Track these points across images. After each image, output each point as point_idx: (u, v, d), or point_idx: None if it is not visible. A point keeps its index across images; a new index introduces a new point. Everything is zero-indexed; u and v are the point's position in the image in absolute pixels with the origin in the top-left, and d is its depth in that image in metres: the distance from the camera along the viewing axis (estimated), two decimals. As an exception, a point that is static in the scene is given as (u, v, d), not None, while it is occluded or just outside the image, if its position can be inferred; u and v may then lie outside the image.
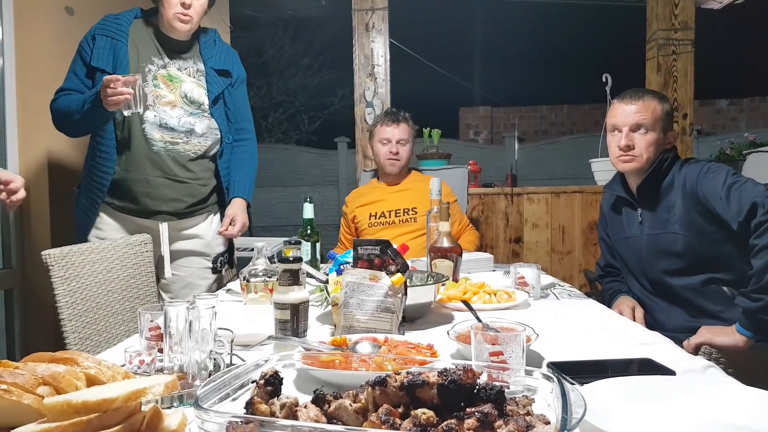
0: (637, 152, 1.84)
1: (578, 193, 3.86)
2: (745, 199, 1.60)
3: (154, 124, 2.09)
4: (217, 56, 2.24)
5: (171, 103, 2.12)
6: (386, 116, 2.81)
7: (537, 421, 0.71)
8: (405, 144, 2.75)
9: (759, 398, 0.87)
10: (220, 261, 2.39)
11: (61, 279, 1.85)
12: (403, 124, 2.75)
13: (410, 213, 2.70)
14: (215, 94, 2.18)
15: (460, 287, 1.67)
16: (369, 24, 3.90)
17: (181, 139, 2.13)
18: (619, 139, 1.85)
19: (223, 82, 2.22)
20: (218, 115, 2.21)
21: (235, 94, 2.29)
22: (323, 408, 0.74)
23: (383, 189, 2.82)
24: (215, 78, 2.20)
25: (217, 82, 2.20)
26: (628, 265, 1.99)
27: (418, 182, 2.81)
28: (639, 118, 1.83)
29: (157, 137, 2.10)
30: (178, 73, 2.14)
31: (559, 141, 12.16)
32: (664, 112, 1.85)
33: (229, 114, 2.26)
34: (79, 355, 0.72)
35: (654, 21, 3.87)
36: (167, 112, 2.11)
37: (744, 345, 1.59)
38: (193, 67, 2.18)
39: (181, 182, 2.17)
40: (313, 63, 17.55)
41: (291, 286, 1.18)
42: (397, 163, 2.74)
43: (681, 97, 3.82)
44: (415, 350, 1.06)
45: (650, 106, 1.84)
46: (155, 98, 2.10)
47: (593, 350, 1.19)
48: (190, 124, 2.13)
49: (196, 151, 2.16)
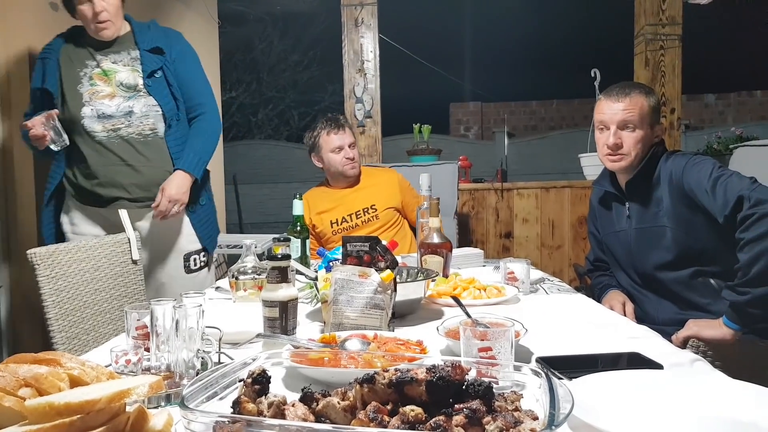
0: (625, 151, 1.83)
1: (567, 187, 3.88)
2: (730, 192, 1.61)
3: (93, 117, 2.19)
4: (150, 38, 2.28)
5: (110, 95, 2.21)
6: (328, 124, 2.73)
7: (525, 416, 0.71)
8: (355, 147, 2.73)
9: (745, 391, 0.88)
10: (193, 259, 2.35)
11: (47, 278, 1.83)
12: (347, 127, 2.74)
13: (371, 211, 2.67)
14: (149, 72, 2.23)
15: (450, 283, 1.67)
16: (358, 19, 3.89)
17: (122, 123, 2.19)
18: (608, 137, 1.84)
19: (158, 59, 2.25)
20: (157, 91, 2.23)
21: (180, 69, 2.29)
22: (311, 406, 0.73)
23: (338, 193, 2.75)
24: (149, 57, 2.24)
25: (150, 60, 2.24)
26: (618, 259, 1.99)
27: (370, 178, 2.79)
28: (626, 116, 1.81)
29: (98, 128, 2.19)
30: (112, 65, 2.24)
31: (549, 136, 12.19)
32: (651, 107, 1.84)
33: (174, 90, 2.27)
34: (62, 356, 0.71)
35: (642, 16, 3.89)
36: (105, 103, 2.19)
37: (731, 338, 1.60)
38: (127, 57, 2.25)
39: (130, 166, 2.21)
40: (303, 59, 17.47)
41: (279, 283, 1.17)
42: (357, 166, 2.72)
43: (669, 91, 3.84)
44: (405, 347, 1.06)
45: (637, 102, 1.82)
46: (92, 95, 2.20)
47: (582, 345, 1.20)
48: (127, 108, 2.20)
49: (141, 131, 2.21)
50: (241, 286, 1.58)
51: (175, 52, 2.29)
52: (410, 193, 2.76)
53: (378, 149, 3.96)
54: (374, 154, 3.93)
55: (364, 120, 3.91)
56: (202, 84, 2.38)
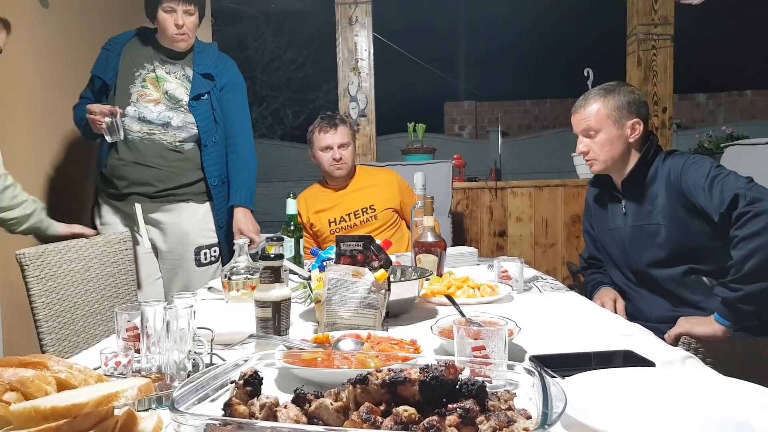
0: (592, 156, 1.89)
1: (561, 186, 3.88)
2: (727, 190, 1.62)
3: (134, 117, 2.32)
4: (207, 62, 2.44)
5: (155, 101, 2.35)
6: (323, 121, 2.70)
7: (518, 415, 0.71)
8: (347, 147, 2.67)
9: (736, 388, 0.88)
10: (204, 253, 2.41)
11: (37, 279, 1.81)
12: (341, 126, 2.67)
13: (369, 211, 2.65)
14: (195, 93, 2.38)
15: (444, 282, 1.66)
16: (352, 17, 3.88)
17: (158, 130, 2.33)
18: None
19: (207, 84, 2.41)
20: (199, 112, 2.38)
21: (227, 99, 2.45)
22: (304, 407, 0.73)
23: (334, 194, 2.74)
24: (199, 80, 2.40)
25: (200, 83, 2.40)
26: (612, 256, 2.00)
27: (368, 177, 2.77)
28: (584, 125, 1.87)
29: (135, 128, 2.32)
30: (165, 75, 2.39)
31: (543, 135, 12.22)
32: (613, 107, 1.84)
33: (216, 115, 2.42)
34: (49, 359, 0.70)
35: (634, 16, 3.90)
36: (149, 108, 2.33)
37: (722, 335, 1.61)
38: (181, 71, 2.42)
39: (151, 167, 2.33)
40: (297, 57, 17.43)
41: (272, 283, 1.16)
42: (344, 166, 2.67)
43: (661, 91, 3.85)
44: (398, 346, 1.06)
45: (592, 109, 1.85)
46: (139, 96, 2.34)
47: (575, 343, 1.20)
48: (168, 117, 2.34)
49: (171, 142, 2.35)
50: (234, 286, 1.57)
51: (224, 81, 2.45)
52: (409, 194, 2.73)
53: (372, 148, 3.95)
54: (369, 153, 3.92)
55: (358, 119, 3.90)
56: (246, 115, 2.53)
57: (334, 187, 2.75)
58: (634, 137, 1.84)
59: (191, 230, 2.39)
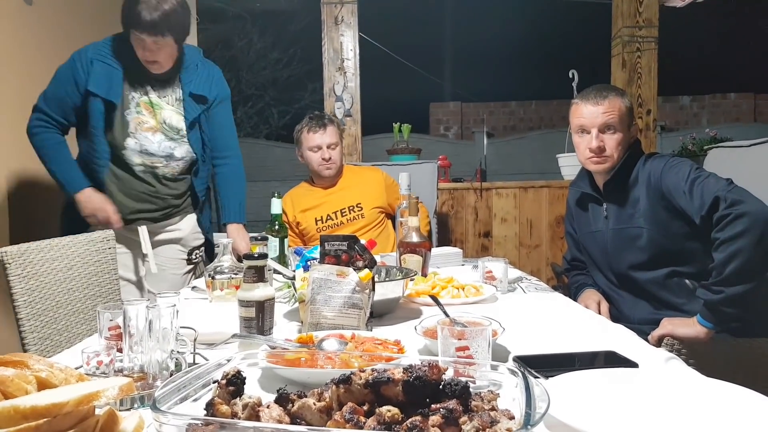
0: (608, 153, 1.84)
1: (545, 187, 3.90)
2: (707, 193, 1.63)
3: (135, 150, 2.18)
4: (196, 80, 2.26)
5: (152, 129, 2.19)
6: (311, 121, 2.70)
7: (501, 416, 0.71)
8: (335, 147, 2.68)
9: (718, 389, 0.89)
10: (195, 253, 2.46)
11: (19, 277, 1.78)
12: (330, 127, 2.68)
13: (356, 210, 2.66)
14: (190, 121, 2.24)
15: (429, 282, 1.66)
16: (338, 17, 3.87)
17: (161, 162, 2.22)
18: (589, 141, 1.84)
19: (199, 108, 2.26)
20: (194, 140, 2.27)
21: (215, 114, 2.32)
22: (287, 407, 0.72)
23: (321, 192, 2.75)
24: (191, 104, 2.24)
25: (192, 108, 2.24)
26: (594, 259, 2.01)
27: (355, 176, 2.78)
28: (607, 119, 1.82)
29: (137, 161, 2.19)
30: (159, 100, 2.20)
31: (528, 136, 12.31)
32: (627, 108, 1.86)
33: (204, 137, 2.31)
34: (29, 358, 0.69)
35: (619, 18, 3.93)
36: (148, 138, 2.18)
37: (705, 336, 1.63)
38: (173, 95, 2.23)
39: (157, 197, 2.27)
40: (283, 56, 17.38)
41: (256, 283, 1.16)
42: (333, 166, 2.68)
43: (645, 93, 3.88)
44: (382, 346, 1.06)
45: (615, 104, 1.82)
46: (137, 125, 2.17)
47: (559, 343, 1.20)
48: (170, 148, 2.22)
49: (174, 173, 2.27)
50: (218, 285, 1.56)
51: (213, 97, 2.30)
52: (396, 193, 2.72)
53: (358, 148, 3.94)
54: (354, 153, 3.92)
55: (344, 119, 3.89)
56: (232, 128, 2.44)
57: (322, 186, 2.76)
58: (631, 142, 1.88)
59: (186, 236, 2.42)
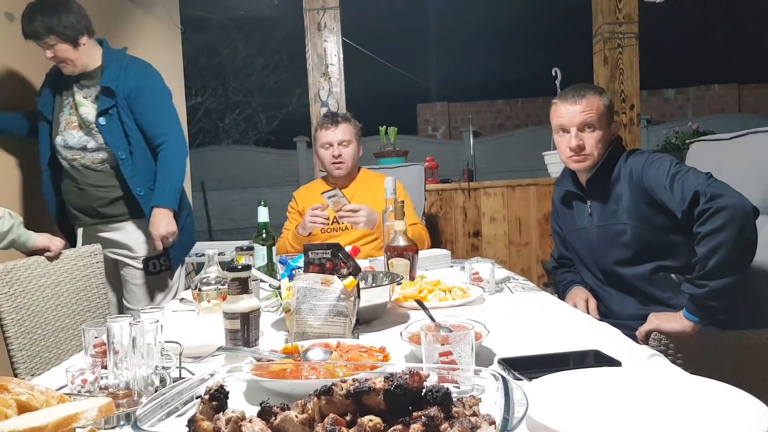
0: (588, 151, 1.85)
1: (533, 185, 3.92)
2: (687, 188, 1.64)
3: (62, 146, 2.44)
4: (108, 76, 2.42)
5: (77, 126, 2.42)
6: (325, 119, 2.70)
7: (482, 421, 0.71)
8: (348, 145, 2.64)
9: (701, 386, 0.89)
10: (152, 263, 2.53)
11: (6, 296, 1.78)
12: (343, 124, 2.65)
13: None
14: (98, 112, 2.39)
15: (416, 286, 1.67)
16: (321, 23, 3.87)
17: (78, 155, 2.42)
18: (569, 140, 1.85)
19: (110, 101, 2.39)
20: (107, 129, 2.39)
21: (138, 105, 2.42)
22: (270, 421, 0.72)
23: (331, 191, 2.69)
24: (103, 98, 2.40)
25: (104, 102, 2.39)
26: (580, 256, 2.02)
27: (369, 183, 2.73)
28: (585, 117, 1.84)
29: (66, 155, 2.44)
30: (82, 99, 2.44)
31: (515, 134, 12.36)
32: (606, 106, 1.87)
33: (126, 128, 2.41)
34: (9, 381, 0.69)
35: (599, 15, 3.96)
36: (72, 134, 2.42)
37: (691, 330, 1.63)
38: (94, 92, 2.44)
39: (82, 189, 2.45)
40: (269, 62, 17.36)
41: (240, 294, 1.16)
42: (343, 166, 2.64)
43: (627, 88, 3.91)
44: (367, 354, 1.06)
45: (594, 103, 1.84)
46: (66, 124, 2.43)
47: (544, 343, 1.21)
48: (85, 141, 2.42)
49: (90, 164, 2.43)
50: (205, 297, 1.56)
51: (129, 90, 2.41)
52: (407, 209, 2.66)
53: (345, 152, 3.94)
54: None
55: (330, 123, 3.89)
56: (161, 115, 2.50)
57: (333, 186, 2.68)
58: (612, 140, 1.89)
59: (133, 245, 2.50)
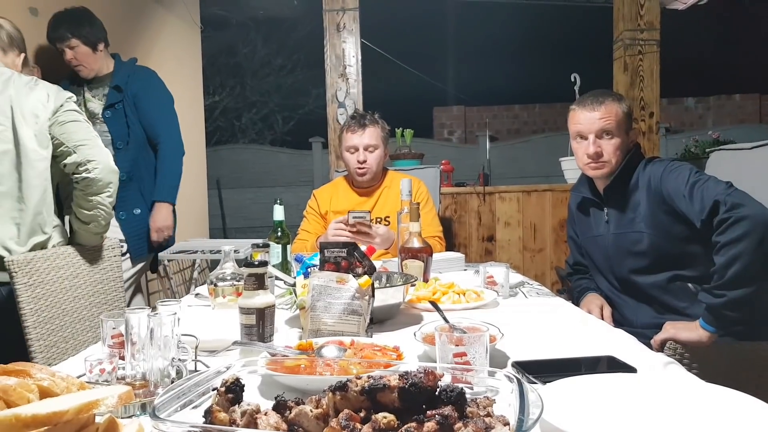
0: (606, 158, 1.85)
1: (549, 191, 3.90)
2: (707, 197, 1.63)
3: None
4: (120, 76, 2.76)
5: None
6: (352, 121, 2.61)
7: (496, 422, 0.71)
8: (374, 150, 2.55)
9: (717, 394, 0.89)
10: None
11: (25, 286, 1.81)
12: (370, 127, 2.55)
13: (383, 223, 2.55)
14: (109, 103, 2.72)
15: (430, 287, 1.67)
16: (340, 24, 3.89)
17: None
18: (587, 147, 1.85)
19: (119, 96, 2.73)
20: (112, 120, 2.72)
21: (142, 105, 2.75)
22: (284, 414, 0.73)
23: (356, 197, 2.65)
24: (113, 93, 2.74)
25: (112, 96, 2.73)
26: (596, 264, 2.01)
27: (394, 186, 2.59)
28: (604, 124, 1.83)
29: None
30: (90, 97, 2.78)
31: (532, 140, 12.31)
32: (625, 113, 1.86)
33: (129, 121, 2.73)
34: (32, 367, 0.71)
35: (620, 21, 3.94)
36: None
37: (707, 340, 1.62)
38: (102, 91, 2.77)
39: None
40: (287, 63, 17.46)
41: (256, 290, 1.17)
42: (368, 172, 2.56)
43: (647, 96, 3.88)
44: (381, 353, 1.06)
45: (612, 110, 1.83)
46: None
47: (558, 348, 1.21)
48: None
49: None
50: (220, 292, 1.58)
51: (135, 89, 2.75)
52: (425, 208, 2.56)
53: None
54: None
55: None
56: (160, 115, 2.82)
57: (358, 191, 2.66)
58: (629, 148, 1.88)
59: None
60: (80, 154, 1.96)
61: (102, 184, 2.00)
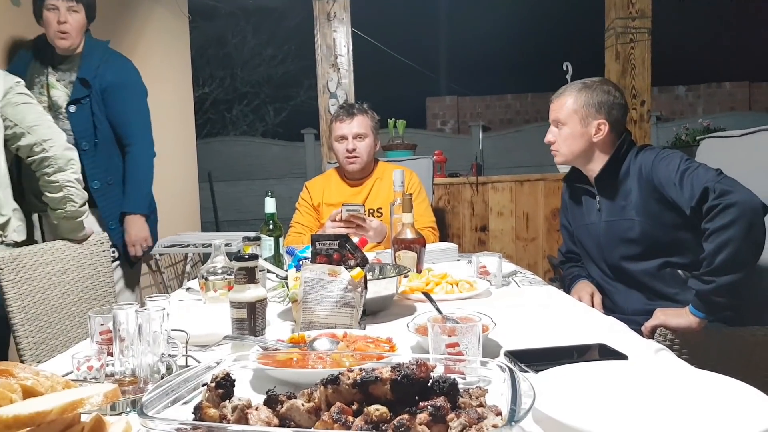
0: (555, 147, 1.94)
1: (541, 180, 3.91)
2: (697, 184, 1.63)
3: None
4: (87, 67, 2.45)
5: (47, 108, 2.38)
6: (341, 110, 2.58)
7: (489, 412, 0.71)
8: (363, 138, 2.52)
9: (708, 381, 0.89)
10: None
11: (12, 282, 1.79)
12: (359, 116, 2.52)
13: (376, 215, 2.54)
14: (71, 100, 2.41)
15: (423, 278, 1.67)
16: (330, 13, 3.86)
17: None
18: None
19: (85, 91, 2.42)
20: (76, 119, 2.41)
21: (112, 100, 2.46)
22: (276, 409, 0.73)
23: (347, 189, 2.62)
24: (79, 87, 2.43)
25: (79, 90, 2.42)
26: (588, 251, 2.02)
27: (386, 178, 2.58)
28: (554, 115, 1.93)
29: None
30: (55, 81, 2.45)
31: (524, 129, 12.31)
32: (582, 104, 1.86)
33: (96, 119, 2.44)
34: (15, 366, 0.69)
35: (612, 9, 3.92)
36: None
37: (697, 326, 1.63)
38: (68, 78, 2.45)
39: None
40: (278, 53, 17.33)
41: (247, 284, 1.16)
42: (357, 160, 2.53)
43: (639, 84, 3.88)
44: (374, 344, 1.06)
45: (563, 102, 1.90)
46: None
47: (550, 337, 1.21)
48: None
49: None
50: (211, 286, 1.56)
51: (106, 84, 2.45)
52: (418, 198, 2.53)
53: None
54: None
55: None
56: (133, 115, 2.53)
57: (350, 182, 2.64)
58: (598, 137, 1.86)
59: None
60: (35, 135, 1.92)
61: (63, 161, 1.95)
